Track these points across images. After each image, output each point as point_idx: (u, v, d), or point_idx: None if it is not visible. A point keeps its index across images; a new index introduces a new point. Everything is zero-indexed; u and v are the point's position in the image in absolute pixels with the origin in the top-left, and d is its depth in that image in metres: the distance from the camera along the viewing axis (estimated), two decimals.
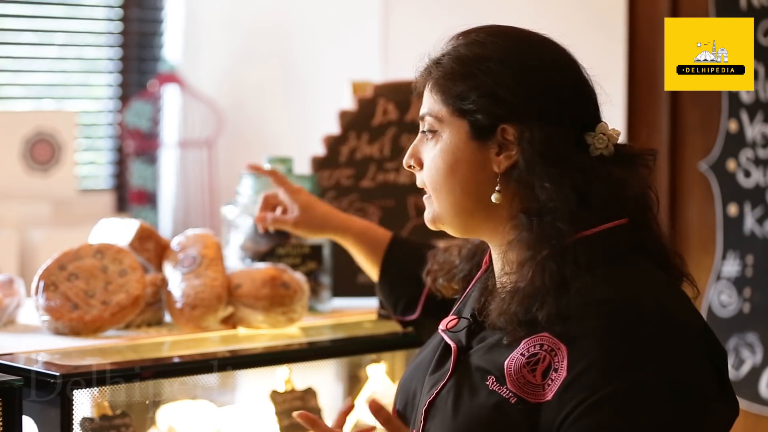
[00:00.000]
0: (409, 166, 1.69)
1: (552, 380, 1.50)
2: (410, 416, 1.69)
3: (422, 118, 1.67)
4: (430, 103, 1.65)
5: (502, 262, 1.62)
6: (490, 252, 1.70)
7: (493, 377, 1.54)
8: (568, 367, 1.49)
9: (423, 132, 1.67)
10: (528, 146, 1.57)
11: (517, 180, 1.59)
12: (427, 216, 1.68)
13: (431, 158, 1.65)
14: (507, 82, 1.59)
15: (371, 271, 2.28)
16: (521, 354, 1.53)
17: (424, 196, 1.69)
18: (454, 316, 1.68)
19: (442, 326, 1.68)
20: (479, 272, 1.72)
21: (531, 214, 1.57)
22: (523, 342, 1.53)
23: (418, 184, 1.69)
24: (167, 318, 2.36)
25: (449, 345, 1.64)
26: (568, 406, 1.48)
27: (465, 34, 1.67)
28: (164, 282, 2.32)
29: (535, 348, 1.52)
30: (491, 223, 1.63)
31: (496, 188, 1.60)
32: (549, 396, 1.50)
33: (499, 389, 1.53)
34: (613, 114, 3.84)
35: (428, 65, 1.66)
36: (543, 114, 1.58)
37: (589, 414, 1.46)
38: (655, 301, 1.54)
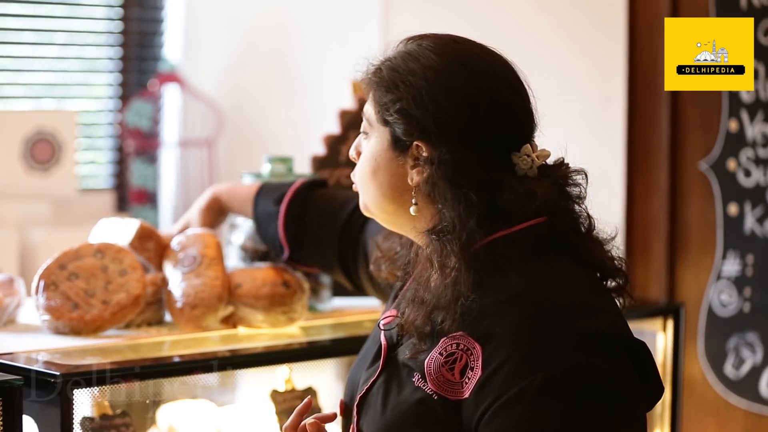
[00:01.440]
0: (352, 157, 1.74)
1: (469, 378, 1.53)
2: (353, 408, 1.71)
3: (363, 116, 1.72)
4: (367, 105, 1.70)
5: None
6: None
7: (417, 374, 1.58)
8: (482, 366, 1.52)
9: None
10: (435, 168, 1.60)
11: (426, 197, 1.62)
12: (360, 203, 1.73)
13: (361, 158, 1.71)
14: (425, 102, 1.61)
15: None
16: (439, 353, 1.56)
17: (353, 184, 1.74)
18: (392, 312, 1.70)
19: (381, 322, 1.71)
20: (419, 267, 1.72)
21: (432, 232, 1.60)
22: (442, 340, 1.57)
23: (352, 176, 1.74)
24: (167, 317, 2.36)
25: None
26: (483, 404, 1.51)
27: (411, 39, 1.69)
28: (164, 281, 2.32)
29: (452, 347, 1.56)
30: (414, 229, 1.66)
31: (413, 201, 1.64)
32: (466, 394, 1.53)
33: (423, 386, 1.57)
34: (613, 114, 3.86)
35: (371, 68, 1.70)
36: (457, 137, 1.60)
37: (504, 410, 1.49)
38: (566, 295, 1.56)
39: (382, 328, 1.69)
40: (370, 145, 1.68)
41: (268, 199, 2.33)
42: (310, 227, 2.28)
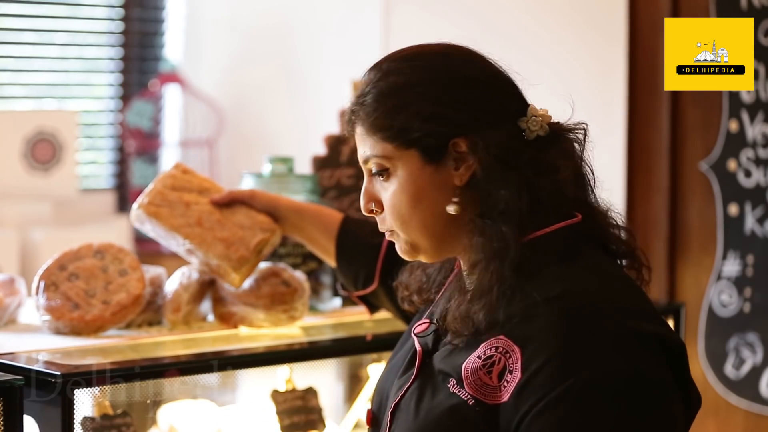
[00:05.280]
0: (371, 211, 1.68)
1: (507, 382, 1.52)
2: (383, 417, 1.70)
3: (365, 162, 1.65)
4: (370, 145, 1.64)
5: (466, 264, 1.65)
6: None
7: (453, 380, 1.56)
8: (522, 368, 1.51)
9: (373, 175, 1.66)
10: (484, 153, 1.59)
11: (477, 188, 1.60)
12: (401, 249, 1.67)
13: (390, 196, 1.64)
14: (443, 99, 1.60)
15: (325, 250, 2.27)
16: (478, 357, 1.55)
17: (387, 236, 1.68)
18: (426, 320, 1.70)
19: (414, 330, 1.69)
20: (451, 275, 1.73)
21: (484, 217, 1.59)
22: (482, 345, 1.55)
23: (382, 227, 1.67)
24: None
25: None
26: (524, 406, 1.49)
27: (374, 69, 1.66)
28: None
29: (490, 351, 1.54)
30: (460, 237, 1.63)
31: (453, 199, 1.61)
32: (505, 398, 1.51)
33: (458, 391, 1.55)
34: (613, 114, 3.86)
35: (353, 110, 1.66)
36: (485, 118, 1.60)
37: (544, 413, 1.48)
38: (604, 296, 1.55)
39: (415, 334, 1.68)
40: (400, 177, 1.63)
41: (358, 229, 2.23)
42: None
